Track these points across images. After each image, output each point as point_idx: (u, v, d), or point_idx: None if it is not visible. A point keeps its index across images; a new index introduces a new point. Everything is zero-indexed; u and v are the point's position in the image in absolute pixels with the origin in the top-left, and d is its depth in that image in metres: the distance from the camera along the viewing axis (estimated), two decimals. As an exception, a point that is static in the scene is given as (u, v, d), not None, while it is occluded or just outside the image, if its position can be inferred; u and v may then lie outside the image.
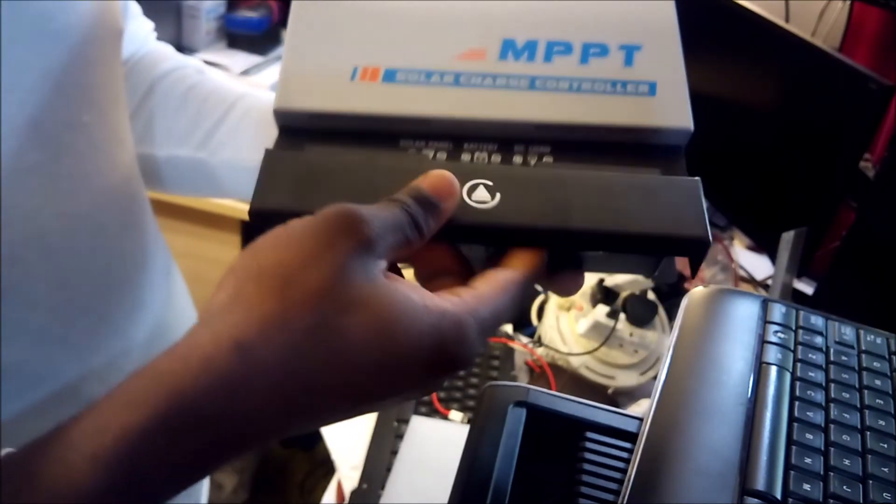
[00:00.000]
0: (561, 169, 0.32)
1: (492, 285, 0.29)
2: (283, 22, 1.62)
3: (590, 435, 0.43)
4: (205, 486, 0.63)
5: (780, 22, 1.08)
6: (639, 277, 0.97)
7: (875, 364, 0.45)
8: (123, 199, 0.45)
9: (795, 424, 0.40)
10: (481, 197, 0.31)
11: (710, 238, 0.31)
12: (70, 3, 0.34)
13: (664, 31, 0.36)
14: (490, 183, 0.31)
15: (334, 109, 0.32)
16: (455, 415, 0.89)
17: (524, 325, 1.05)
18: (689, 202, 0.31)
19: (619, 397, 0.96)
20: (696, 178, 0.33)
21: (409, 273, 0.32)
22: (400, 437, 0.83)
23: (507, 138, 0.33)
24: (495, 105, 0.33)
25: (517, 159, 0.33)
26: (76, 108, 0.35)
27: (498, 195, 0.31)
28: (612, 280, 0.99)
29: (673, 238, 0.30)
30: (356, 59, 0.34)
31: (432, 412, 0.89)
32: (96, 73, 0.39)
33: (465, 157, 0.33)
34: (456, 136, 0.33)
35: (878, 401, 0.42)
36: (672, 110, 0.33)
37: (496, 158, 0.33)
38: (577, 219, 0.30)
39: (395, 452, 0.82)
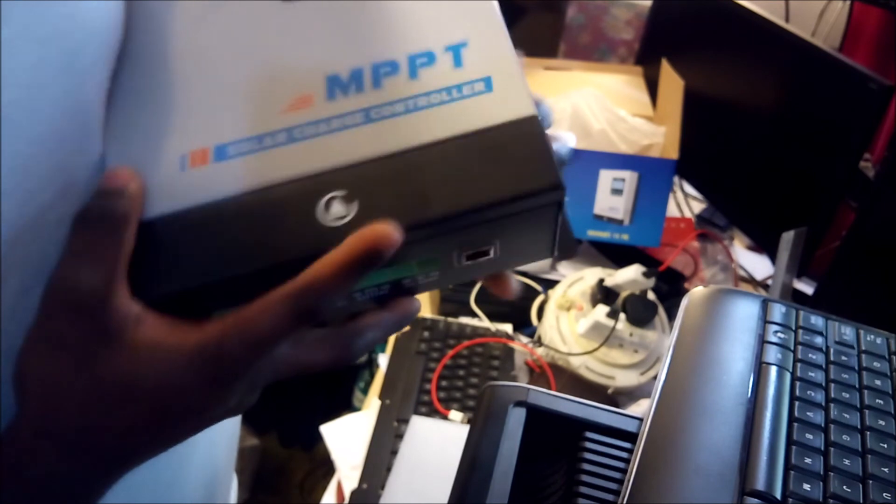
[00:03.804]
0: (412, 153, 0.30)
1: (263, 301, 0.29)
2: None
3: (589, 435, 0.43)
4: (233, 488, 0.63)
5: (780, 22, 1.08)
6: (639, 277, 0.97)
7: (875, 364, 0.45)
8: None
9: (795, 424, 0.40)
10: (338, 212, 0.29)
11: (561, 180, 0.29)
12: (95, 35, 0.32)
13: (484, 17, 0.33)
14: (344, 192, 0.29)
15: (170, 210, 0.30)
16: (455, 415, 0.89)
17: (524, 325, 1.05)
18: (533, 148, 0.30)
19: (619, 397, 0.96)
20: (531, 114, 0.31)
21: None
22: (400, 437, 0.83)
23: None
24: (335, 151, 0.31)
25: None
26: (99, 147, 0.32)
27: (356, 203, 0.29)
28: (612, 280, 0.99)
29: (525, 194, 0.29)
30: (182, 145, 0.31)
31: (432, 412, 0.89)
32: None
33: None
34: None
35: (878, 401, 0.42)
36: (512, 100, 0.31)
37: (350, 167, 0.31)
38: (436, 205, 0.29)
39: (395, 452, 0.82)
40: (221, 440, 0.54)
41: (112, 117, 0.32)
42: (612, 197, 1.14)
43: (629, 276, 0.98)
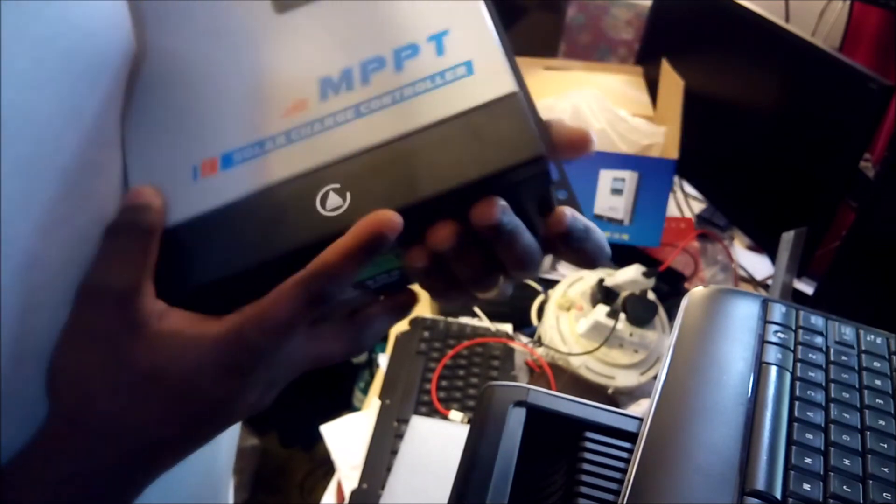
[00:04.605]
0: (400, 142, 0.32)
1: (277, 289, 0.31)
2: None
3: (589, 435, 0.43)
4: (230, 487, 0.62)
5: (780, 22, 1.08)
6: (639, 277, 0.97)
7: (875, 364, 0.45)
8: None
9: (795, 424, 0.40)
10: (333, 203, 0.31)
11: (544, 151, 0.31)
12: (90, 38, 0.32)
13: (465, 4, 0.35)
14: (338, 185, 0.32)
15: (186, 218, 0.33)
16: (455, 415, 0.89)
17: (524, 325, 1.05)
18: (513, 124, 0.32)
19: (619, 397, 0.96)
20: (513, 90, 0.32)
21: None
22: (400, 437, 0.83)
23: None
24: (330, 147, 0.33)
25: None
26: (96, 148, 0.33)
27: (348, 195, 0.31)
28: (612, 280, 0.99)
29: (507, 168, 0.31)
30: (193, 156, 0.34)
31: (432, 412, 0.89)
32: (114, 106, 0.36)
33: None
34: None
35: (878, 401, 0.42)
36: (493, 81, 0.33)
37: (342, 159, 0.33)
38: (424, 187, 0.31)
39: (395, 452, 0.82)
40: (222, 439, 0.54)
41: (131, 134, 0.35)
42: (612, 197, 1.14)
43: (629, 276, 0.98)
